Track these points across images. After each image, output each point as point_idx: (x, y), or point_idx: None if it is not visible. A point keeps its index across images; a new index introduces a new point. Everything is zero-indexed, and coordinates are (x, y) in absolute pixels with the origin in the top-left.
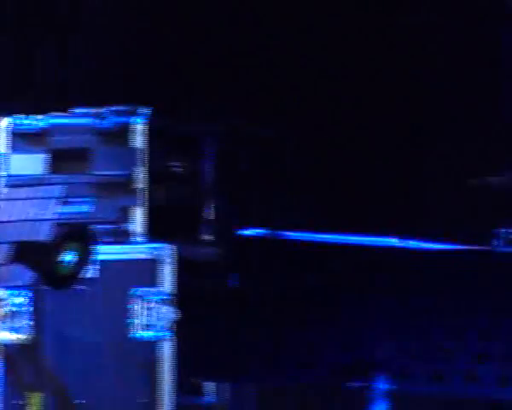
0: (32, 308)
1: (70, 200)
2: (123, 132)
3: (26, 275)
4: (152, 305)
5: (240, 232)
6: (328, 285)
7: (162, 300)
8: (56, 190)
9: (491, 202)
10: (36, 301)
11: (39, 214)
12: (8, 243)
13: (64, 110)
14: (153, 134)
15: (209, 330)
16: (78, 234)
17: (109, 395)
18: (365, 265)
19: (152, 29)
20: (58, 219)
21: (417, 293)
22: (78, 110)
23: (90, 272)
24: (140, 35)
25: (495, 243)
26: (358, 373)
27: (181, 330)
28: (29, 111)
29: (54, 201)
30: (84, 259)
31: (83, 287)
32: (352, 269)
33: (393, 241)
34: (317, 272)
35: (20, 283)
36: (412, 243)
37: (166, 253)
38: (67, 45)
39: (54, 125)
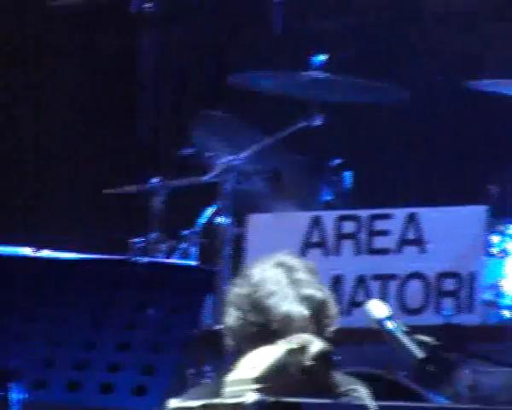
0: None
1: None
2: None
3: None
4: None
5: None
6: None
7: None
8: None
9: (126, 211)
10: None
11: None
12: None
13: None
14: None
15: None
16: None
17: None
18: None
19: None
20: None
21: (53, 303)
22: None
23: None
24: None
25: (130, 252)
26: None
27: None
28: None
29: None
30: None
31: None
32: None
33: (26, 250)
34: None
35: None
36: (46, 253)
37: None
38: None
39: None
